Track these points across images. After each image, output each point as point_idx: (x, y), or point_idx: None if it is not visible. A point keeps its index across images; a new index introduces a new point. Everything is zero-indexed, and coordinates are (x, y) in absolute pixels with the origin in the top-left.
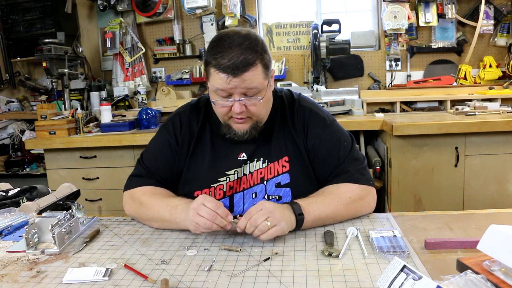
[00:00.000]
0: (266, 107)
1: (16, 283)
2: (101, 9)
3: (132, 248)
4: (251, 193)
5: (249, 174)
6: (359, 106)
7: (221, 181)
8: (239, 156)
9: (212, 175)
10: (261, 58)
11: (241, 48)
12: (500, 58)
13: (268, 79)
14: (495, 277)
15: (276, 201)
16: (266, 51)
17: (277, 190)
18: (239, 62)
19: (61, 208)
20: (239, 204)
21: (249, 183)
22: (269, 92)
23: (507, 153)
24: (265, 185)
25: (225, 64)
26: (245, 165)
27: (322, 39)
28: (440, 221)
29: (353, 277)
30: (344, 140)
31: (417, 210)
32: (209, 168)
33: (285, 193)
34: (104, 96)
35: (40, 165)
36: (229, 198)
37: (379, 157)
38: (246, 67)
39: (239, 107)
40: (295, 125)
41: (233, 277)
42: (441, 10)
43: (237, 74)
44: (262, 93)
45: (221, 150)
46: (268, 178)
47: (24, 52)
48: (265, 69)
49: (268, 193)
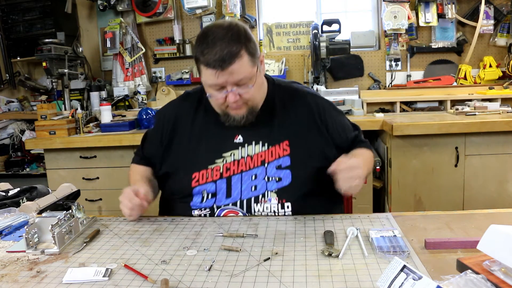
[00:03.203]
0: (259, 92)
1: (16, 283)
2: (101, 9)
3: (132, 248)
4: (250, 175)
5: (248, 157)
6: (359, 106)
7: (218, 162)
8: (235, 139)
9: (208, 156)
10: (245, 47)
11: (225, 42)
12: (500, 58)
13: (257, 65)
14: (495, 277)
15: (276, 183)
16: (249, 39)
17: (278, 172)
18: (225, 55)
19: (61, 208)
20: (237, 186)
21: (248, 165)
22: (260, 77)
23: (507, 153)
24: (266, 167)
25: (212, 60)
26: (242, 148)
27: (322, 39)
28: (440, 221)
29: (353, 277)
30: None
31: (417, 210)
32: (206, 151)
33: (285, 174)
34: (104, 96)
35: (40, 165)
36: (226, 180)
37: (379, 157)
38: (231, 59)
39: (233, 97)
40: (296, 110)
41: (233, 277)
42: (441, 10)
43: (224, 67)
44: (252, 80)
45: (216, 133)
46: (269, 161)
47: (24, 52)
48: (252, 57)
49: (268, 175)
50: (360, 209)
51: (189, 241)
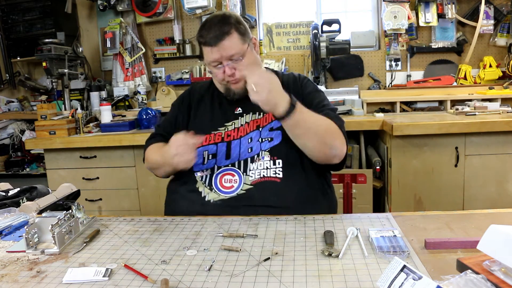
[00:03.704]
0: (253, 68)
1: (16, 283)
2: (101, 9)
3: (132, 248)
4: (247, 139)
5: (246, 124)
6: (359, 106)
7: (220, 129)
8: (236, 110)
9: (212, 125)
10: (235, 27)
11: (218, 24)
12: (500, 58)
13: (248, 44)
14: (495, 277)
15: (268, 143)
16: (240, 22)
17: (270, 133)
18: (217, 34)
19: (61, 208)
20: (236, 149)
21: (245, 131)
22: (252, 54)
23: (507, 153)
24: (260, 131)
25: (208, 38)
26: (242, 117)
27: (322, 39)
28: (440, 221)
29: (353, 277)
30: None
31: (417, 210)
32: (210, 120)
33: (276, 135)
34: (104, 96)
35: (40, 165)
36: (226, 144)
37: (379, 157)
38: (223, 36)
39: (229, 70)
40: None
41: (233, 277)
42: (441, 10)
43: (217, 43)
44: (244, 56)
45: (220, 107)
46: (263, 125)
47: (24, 52)
48: (242, 36)
49: (262, 137)
50: (360, 209)
51: (189, 241)
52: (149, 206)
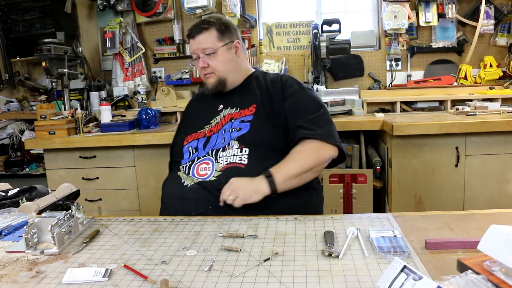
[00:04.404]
0: (226, 66)
1: (16, 284)
2: (101, 9)
3: (131, 248)
4: (222, 130)
5: (223, 118)
6: (359, 106)
7: (205, 127)
8: (218, 107)
9: (199, 124)
10: (215, 26)
11: (201, 22)
12: (501, 58)
13: (225, 43)
14: (496, 278)
15: (236, 132)
16: (223, 23)
17: (240, 124)
18: (197, 29)
19: (60, 208)
20: (213, 141)
21: (221, 124)
22: (226, 53)
23: (508, 153)
24: (232, 122)
25: (189, 32)
26: (221, 113)
27: (322, 39)
28: (441, 221)
29: (353, 277)
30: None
31: (418, 210)
32: (198, 121)
33: (244, 126)
34: (104, 96)
35: (40, 165)
36: (206, 138)
37: (379, 157)
38: (200, 31)
39: (202, 63)
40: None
41: (233, 278)
42: (442, 10)
43: (194, 36)
44: (217, 52)
45: (208, 106)
46: (236, 118)
47: (23, 52)
48: (220, 33)
49: (232, 127)
50: (360, 209)
51: (189, 241)
52: (148, 206)
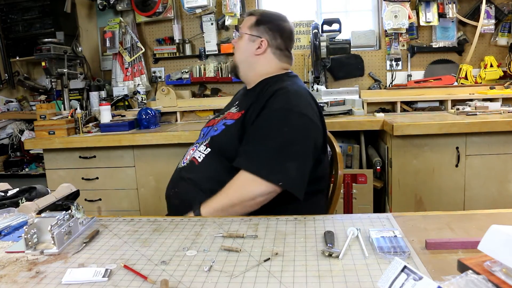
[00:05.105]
0: (240, 52)
1: (15, 284)
2: (101, 9)
3: (131, 249)
4: (216, 125)
5: (225, 114)
6: (359, 106)
7: (217, 118)
8: (235, 103)
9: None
10: (257, 16)
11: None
12: (501, 58)
13: (252, 34)
14: (496, 278)
15: (213, 132)
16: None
17: (221, 125)
18: (247, 12)
19: (60, 208)
20: (205, 133)
21: (221, 119)
22: (247, 43)
23: (508, 153)
24: (219, 122)
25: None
26: (231, 108)
27: (322, 38)
28: (441, 221)
29: (353, 278)
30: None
31: (418, 210)
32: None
33: (220, 128)
34: (104, 96)
35: (39, 165)
36: (207, 128)
37: (379, 157)
38: (247, 14)
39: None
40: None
41: (233, 278)
42: (442, 9)
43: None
44: (242, 37)
45: (235, 99)
46: (227, 118)
47: (23, 51)
48: (255, 24)
49: (215, 127)
50: (361, 209)
51: (189, 242)
52: (148, 206)
